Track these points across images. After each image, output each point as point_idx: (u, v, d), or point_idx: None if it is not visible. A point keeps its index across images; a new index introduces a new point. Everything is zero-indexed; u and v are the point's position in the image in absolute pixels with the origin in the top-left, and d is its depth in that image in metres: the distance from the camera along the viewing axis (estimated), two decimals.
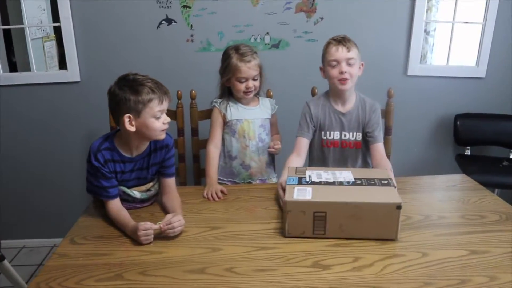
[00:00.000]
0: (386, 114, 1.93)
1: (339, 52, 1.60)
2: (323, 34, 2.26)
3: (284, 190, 1.34)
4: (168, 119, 1.38)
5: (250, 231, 1.33)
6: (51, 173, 2.46)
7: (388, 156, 1.95)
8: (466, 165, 2.33)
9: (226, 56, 1.75)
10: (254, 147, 1.80)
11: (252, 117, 1.80)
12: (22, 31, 2.27)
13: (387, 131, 1.95)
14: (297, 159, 1.69)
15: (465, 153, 2.49)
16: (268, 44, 2.31)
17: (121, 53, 2.29)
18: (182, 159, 2.03)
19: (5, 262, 1.45)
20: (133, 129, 1.32)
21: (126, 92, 1.30)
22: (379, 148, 1.70)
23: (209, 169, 1.73)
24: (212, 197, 1.57)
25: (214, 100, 1.82)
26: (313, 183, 1.35)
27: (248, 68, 1.71)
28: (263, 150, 1.82)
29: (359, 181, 1.36)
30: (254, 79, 1.74)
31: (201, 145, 1.98)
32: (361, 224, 1.24)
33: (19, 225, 2.57)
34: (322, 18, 2.28)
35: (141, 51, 2.29)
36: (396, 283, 1.06)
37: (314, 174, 1.42)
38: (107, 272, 1.14)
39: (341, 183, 1.35)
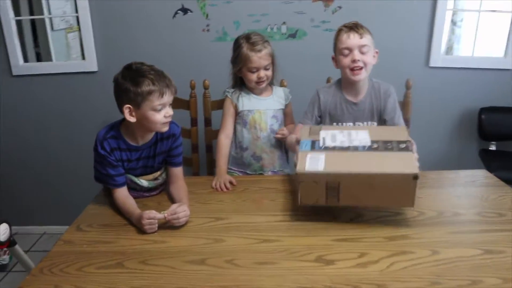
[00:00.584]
0: (404, 105, 1.85)
1: (351, 39, 1.53)
2: (342, 23, 2.22)
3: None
4: (170, 112, 1.34)
5: (255, 223, 1.30)
6: (71, 160, 2.50)
7: None
8: (490, 161, 2.22)
9: (237, 45, 1.71)
10: (265, 139, 1.77)
11: (264, 108, 1.76)
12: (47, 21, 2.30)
13: (405, 124, 1.86)
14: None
15: (490, 148, 2.38)
16: (285, 34, 2.27)
17: (137, 43, 2.30)
18: (195, 149, 2.03)
19: (17, 247, 1.47)
20: (133, 119, 1.31)
21: (127, 82, 1.29)
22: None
23: (219, 159, 1.71)
24: (220, 187, 1.55)
25: (227, 90, 1.79)
26: (326, 148, 1.30)
27: (259, 57, 1.66)
28: (275, 141, 1.78)
29: (375, 145, 1.29)
30: (265, 69, 1.70)
31: (214, 135, 1.95)
32: (376, 193, 1.21)
33: (40, 212, 2.63)
34: (340, 7, 2.21)
35: (157, 41, 2.29)
36: (401, 281, 1.01)
37: (328, 135, 1.36)
38: (109, 260, 1.15)
39: (356, 148, 1.29)
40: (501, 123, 2.30)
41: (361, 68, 1.53)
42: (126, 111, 1.31)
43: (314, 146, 1.32)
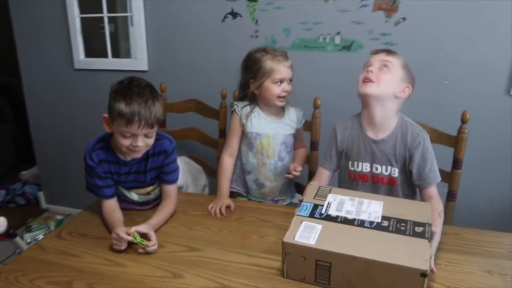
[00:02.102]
0: (456, 143, 1.53)
1: (377, 56, 1.35)
2: (405, 37, 1.94)
3: None
4: (140, 144, 1.22)
5: (226, 262, 1.16)
6: None
7: (454, 195, 1.57)
8: None
9: (254, 61, 1.56)
10: (271, 166, 1.61)
11: (273, 133, 1.59)
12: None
13: (456, 164, 1.54)
14: None
15: None
16: (339, 45, 2.04)
17: (186, 45, 2.27)
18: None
19: (17, 239, 1.53)
20: (109, 130, 1.27)
21: (112, 94, 1.24)
22: (431, 193, 1.36)
23: (221, 181, 1.58)
24: (215, 212, 1.43)
25: (236, 103, 1.64)
26: (327, 217, 1.11)
27: (286, 67, 1.53)
28: (281, 170, 1.61)
29: (385, 223, 1.08)
30: (289, 82, 1.56)
31: None
32: (375, 283, 0.98)
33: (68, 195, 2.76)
34: (404, 19, 1.91)
35: (206, 45, 2.23)
36: None
37: (336, 201, 1.18)
38: (62, 276, 1.12)
39: (361, 223, 1.08)
40: None
41: (371, 81, 1.31)
42: (104, 120, 1.27)
43: (314, 212, 1.14)
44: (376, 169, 1.39)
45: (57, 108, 2.64)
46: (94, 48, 2.42)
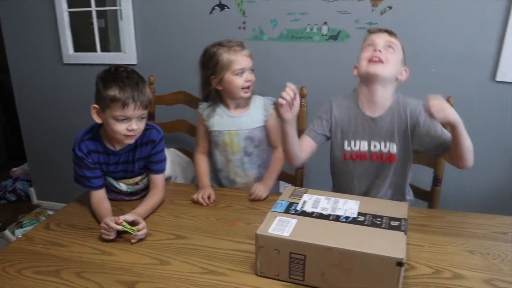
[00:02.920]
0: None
1: (379, 37, 1.35)
2: (391, 26, 1.89)
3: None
4: (134, 127, 1.25)
5: (212, 249, 1.17)
6: None
7: (439, 180, 1.59)
8: None
9: (210, 56, 1.53)
10: (238, 162, 1.59)
11: (236, 128, 1.56)
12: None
13: None
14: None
15: None
16: (326, 35, 2.05)
17: (174, 38, 2.27)
18: None
19: (6, 232, 1.53)
20: (99, 120, 1.27)
21: (100, 83, 1.25)
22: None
23: (200, 176, 1.57)
24: (202, 199, 1.43)
25: (200, 104, 1.63)
26: (303, 213, 1.10)
27: (244, 56, 1.50)
28: (250, 165, 1.59)
29: (361, 218, 1.07)
30: (251, 71, 1.53)
31: None
32: (350, 276, 0.96)
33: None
34: (390, 7, 1.93)
35: (194, 37, 2.23)
36: None
37: (311, 200, 1.17)
38: (50, 265, 1.12)
39: (337, 218, 1.07)
40: None
41: (381, 61, 1.31)
42: (93, 111, 1.27)
43: (289, 208, 1.13)
44: (375, 146, 1.40)
45: (46, 103, 2.63)
46: (84, 43, 2.42)
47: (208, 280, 1.04)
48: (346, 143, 1.44)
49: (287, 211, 1.11)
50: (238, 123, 1.56)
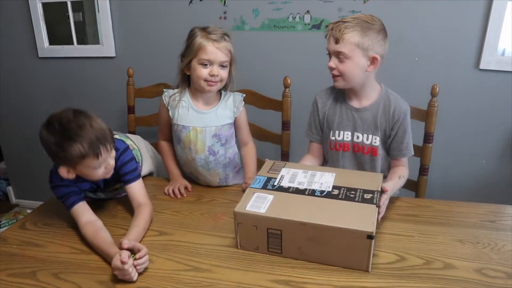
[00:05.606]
0: (427, 116, 1.53)
1: (329, 43, 1.32)
2: (374, 14, 1.90)
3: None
4: (111, 164, 1.16)
5: (197, 245, 1.13)
6: None
7: (426, 169, 1.57)
8: None
9: (189, 35, 1.40)
10: (202, 161, 1.44)
11: (202, 125, 1.41)
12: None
13: (427, 138, 1.55)
14: (312, 160, 1.49)
15: None
16: (308, 24, 2.01)
17: (153, 30, 2.20)
18: None
19: None
20: (73, 176, 1.15)
21: (55, 147, 1.09)
22: (401, 163, 1.40)
23: (167, 163, 1.52)
24: (174, 193, 1.40)
25: (165, 90, 1.49)
26: (280, 188, 1.13)
27: (216, 48, 1.34)
28: (215, 164, 1.45)
29: (335, 191, 1.11)
30: (222, 66, 1.36)
31: None
32: (324, 249, 1.00)
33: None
34: None
35: (173, 28, 2.16)
36: None
37: (288, 174, 1.21)
38: (26, 267, 1.07)
39: (312, 193, 1.10)
40: None
41: (336, 76, 1.33)
42: (63, 171, 1.13)
43: (267, 184, 1.15)
44: (358, 137, 1.39)
45: (22, 99, 2.53)
46: (60, 36, 2.33)
47: (192, 277, 1.00)
48: (331, 133, 1.43)
49: (264, 186, 1.14)
50: (205, 119, 1.42)
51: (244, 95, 1.50)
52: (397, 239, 1.13)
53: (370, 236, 0.94)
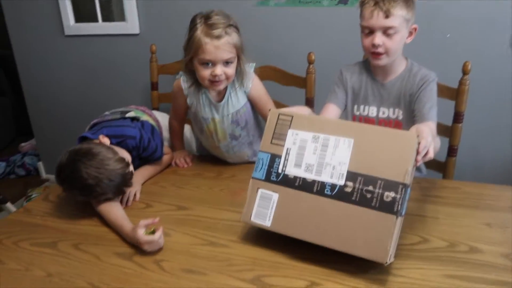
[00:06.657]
0: (457, 95, 1.45)
1: (374, 18, 1.20)
2: None
3: None
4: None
5: (214, 220, 1.13)
6: None
7: (455, 150, 1.51)
8: None
9: (190, 26, 1.26)
10: (226, 147, 1.44)
11: (220, 115, 1.38)
12: None
13: (457, 118, 1.47)
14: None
15: None
16: None
17: (178, 5, 2.17)
18: None
19: (8, 204, 1.51)
20: None
21: (69, 191, 1.17)
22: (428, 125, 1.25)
23: (173, 140, 1.57)
24: (181, 164, 1.45)
25: (181, 74, 1.39)
26: (284, 181, 0.99)
27: (215, 47, 1.20)
28: (239, 147, 1.45)
29: (349, 186, 0.92)
30: (225, 64, 1.25)
31: None
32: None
33: None
34: None
35: (198, 3, 2.13)
36: None
37: (296, 146, 1.00)
38: (47, 237, 1.10)
39: (321, 191, 0.95)
40: None
41: (380, 54, 1.24)
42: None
43: (271, 170, 1.02)
44: (383, 113, 1.35)
45: (50, 77, 2.58)
46: (85, 13, 2.34)
47: (209, 252, 1.00)
48: (355, 107, 1.39)
49: (268, 176, 1.02)
50: (221, 109, 1.37)
51: (254, 64, 1.42)
52: (421, 220, 1.09)
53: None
